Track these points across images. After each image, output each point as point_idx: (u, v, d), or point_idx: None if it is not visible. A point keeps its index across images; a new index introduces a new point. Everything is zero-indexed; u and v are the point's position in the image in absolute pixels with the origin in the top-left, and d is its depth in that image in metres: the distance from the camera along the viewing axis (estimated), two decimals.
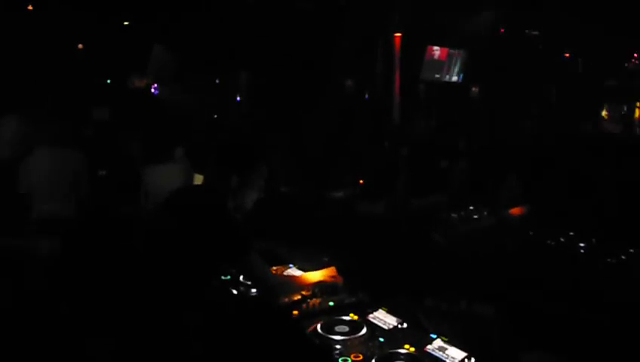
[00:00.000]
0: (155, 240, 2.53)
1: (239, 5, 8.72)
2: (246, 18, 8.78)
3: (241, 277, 2.88)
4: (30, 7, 8.23)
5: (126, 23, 9.54)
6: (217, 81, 10.72)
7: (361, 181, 4.88)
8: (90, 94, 8.86)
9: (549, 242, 3.74)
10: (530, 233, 3.92)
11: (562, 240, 3.76)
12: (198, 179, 4.65)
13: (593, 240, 3.72)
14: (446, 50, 11.31)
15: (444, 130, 7.74)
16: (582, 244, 3.68)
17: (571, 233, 3.83)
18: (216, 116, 9.63)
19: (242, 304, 2.72)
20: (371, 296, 2.66)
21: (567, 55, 11.93)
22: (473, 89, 12.19)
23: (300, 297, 2.64)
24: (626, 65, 11.99)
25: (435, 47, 11.08)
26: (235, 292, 2.79)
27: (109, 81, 9.97)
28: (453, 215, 4.16)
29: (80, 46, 9.42)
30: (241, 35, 9.04)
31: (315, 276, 2.76)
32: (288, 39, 8.94)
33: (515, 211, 4.05)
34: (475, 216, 4.21)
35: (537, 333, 2.52)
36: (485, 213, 4.25)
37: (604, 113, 12.38)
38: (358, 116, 8.84)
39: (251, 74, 9.80)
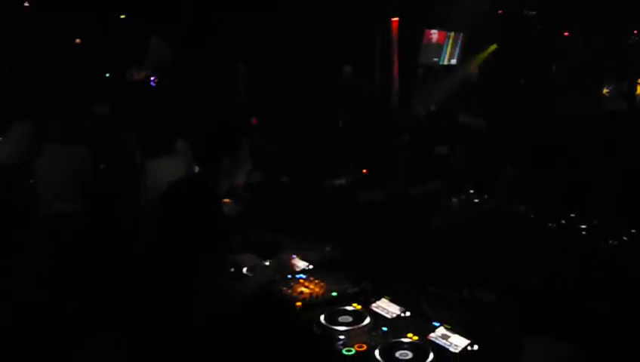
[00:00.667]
0: (152, 232, 2.57)
1: None
2: (242, 7, 8.73)
3: (244, 270, 2.92)
4: (27, 4, 8.20)
5: (123, 17, 9.51)
6: (216, 71, 10.70)
7: (365, 170, 4.89)
8: (90, 88, 8.86)
9: (550, 225, 3.75)
10: (532, 216, 3.93)
11: (563, 222, 3.77)
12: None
13: (595, 221, 3.73)
14: (444, 33, 11.25)
15: (443, 116, 7.74)
16: (583, 226, 3.69)
17: (572, 215, 3.84)
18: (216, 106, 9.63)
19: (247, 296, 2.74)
20: (374, 285, 2.68)
21: (566, 34, 11.85)
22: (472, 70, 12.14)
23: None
24: (629, 41, 11.90)
25: (433, 31, 11.03)
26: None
27: (107, 75, 9.95)
28: (454, 199, 4.17)
29: (78, 41, 9.40)
30: (238, 25, 9.00)
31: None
32: (285, 27, 8.90)
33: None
34: (476, 200, 4.22)
35: (540, 319, 2.54)
36: (485, 196, 4.26)
37: (604, 91, 12.32)
38: (357, 102, 8.81)
39: (249, 63, 9.77)
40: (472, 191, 4.28)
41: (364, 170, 4.94)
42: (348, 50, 9.59)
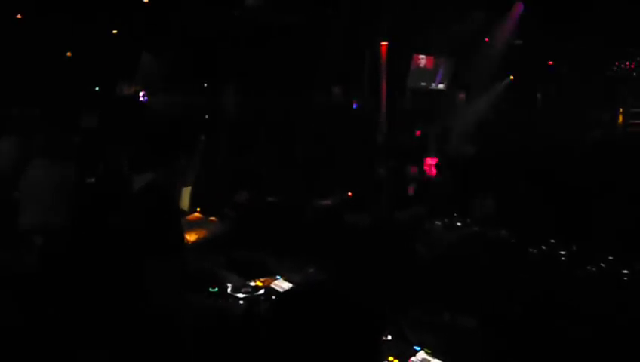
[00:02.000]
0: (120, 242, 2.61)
1: (227, 15, 8.76)
2: (234, 28, 8.83)
3: (229, 289, 2.93)
4: (19, 16, 8.21)
5: (114, 32, 9.56)
6: (205, 86, 10.76)
7: (350, 193, 4.94)
8: (79, 102, 8.85)
9: (530, 250, 3.81)
10: (512, 241, 3.99)
11: (544, 248, 3.83)
12: (186, 192, 4.68)
13: (574, 247, 3.79)
14: (432, 58, 11.43)
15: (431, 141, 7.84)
16: (563, 252, 3.75)
17: (552, 240, 3.90)
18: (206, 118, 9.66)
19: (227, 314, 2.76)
20: None
21: (551, 63, 12.07)
22: (460, 95, 12.30)
23: None
24: (611, 72, 12.13)
25: (421, 56, 11.20)
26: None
27: (97, 89, 9.96)
28: (437, 222, 4.22)
29: (69, 54, 9.42)
30: (229, 44, 9.09)
31: None
32: (276, 48, 8.99)
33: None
34: (459, 224, 4.28)
35: (519, 345, 2.58)
36: (468, 220, 4.32)
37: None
38: (345, 124, 8.90)
39: (239, 83, 9.85)
40: (455, 215, 4.34)
41: (350, 193, 4.99)
42: (337, 73, 9.71)
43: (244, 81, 9.58)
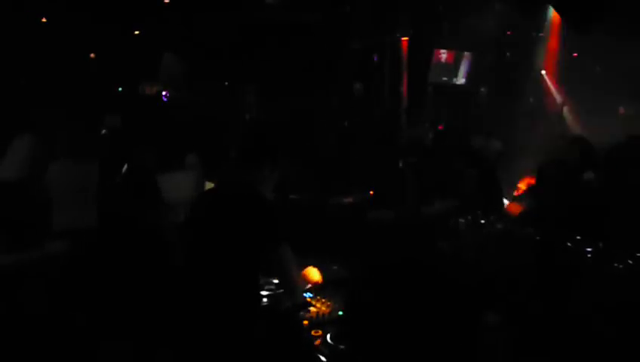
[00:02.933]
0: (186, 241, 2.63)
1: (246, 13, 8.81)
2: (254, 26, 8.87)
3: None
4: (44, 20, 8.38)
5: (137, 32, 9.69)
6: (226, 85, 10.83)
7: (372, 192, 4.93)
8: (103, 102, 8.99)
9: (555, 247, 3.76)
10: (537, 238, 3.94)
11: (569, 244, 3.77)
12: (209, 187, 4.71)
13: (600, 244, 3.73)
14: (453, 52, 11.34)
15: (451, 135, 7.77)
16: (589, 249, 3.69)
17: (578, 237, 3.84)
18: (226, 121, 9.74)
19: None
20: None
21: (575, 55, 11.90)
22: (482, 90, 12.20)
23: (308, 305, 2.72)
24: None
25: (442, 50, 11.13)
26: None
27: (120, 89, 10.10)
28: (461, 220, 4.19)
29: (92, 55, 9.57)
30: (250, 42, 9.13)
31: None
32: (297, 46, 9.02)
33: (513, 209, 4.04)
34: (482, 221, 4.24)
35: (544, 342, 2.56)
36: (492, 218, 4.27)
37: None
38: (366, 120, 8.90)
39: (260, 83, 9.91)
40: (479, 212, 4.29)
41: (371, 192, 4.99)
42: (358, 68, 9.70)
43: (265, 80, 9.63)
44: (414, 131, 8.04)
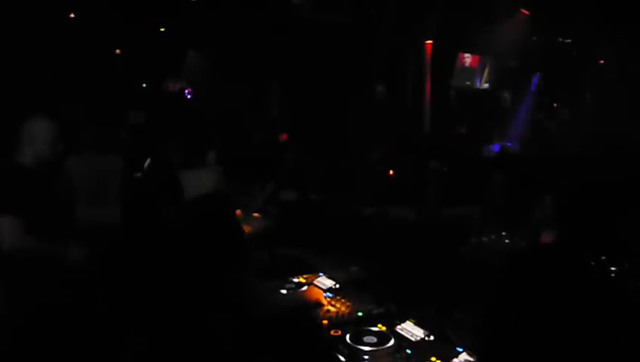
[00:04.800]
0: (174, 243, 2.66)
1: (272, 12, 8.85)
2: (279, 25, 8.90)
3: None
4: (72, 15, 8.50)
5: (162, 30, 9.79)
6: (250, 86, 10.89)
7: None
8: (127, 98, 9.10)
9: (579, 266, 3.69)
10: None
11: (593, 263, 3.70)
12: None
13: (625, 264, 3.65)
14: (477, 57, 11.26)
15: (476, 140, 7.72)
16: (613, 268, 3.62)
17: (603, 257, 3.77)
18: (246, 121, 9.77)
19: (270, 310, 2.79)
20: (399, 307, 2.70)
21: (602, 62, 11.74)
22: (505, 95, 12.09)
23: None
24: None
25: (466, 55, 11.05)
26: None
27: (144, 85, 10.21)
28: (484, 239, 4.12)
29: (118, 51, 9.69)
30: (275, 43, 9.16)
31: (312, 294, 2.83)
32: (322, 47, 9.02)
33: (546, 239, 3.95)
34: (507, 241, 4.15)
35: (559, 347, 2.52)
36: (517, 237, 4.18)
37: None
38: (389, 124, 8.88)
39: (284, 82, 9.94)
40: (504, 233, 4.20)
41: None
42: (382, 72, 9.68)
43: (289, 80, 9.65)
44: (438, 134, 8.01)
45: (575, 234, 3.49)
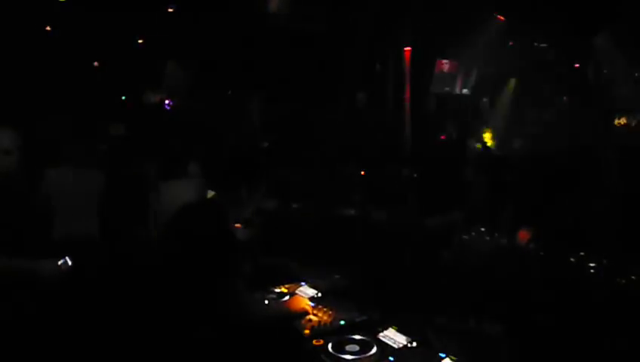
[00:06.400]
0: (161, 257, 2.63)
1: (249, 22, 8.84)
2: (257, 35, 8.90)
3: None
4: (48, 28, 8.42)
5: (140, 41, 9.74)
6: (230, 94, 10.86)
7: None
8: (107, 110, 9.03)
9: (558, 262, 3.73)
10: (541, 253, 3.91)
11: (572, 260, 3.74)
12: (211, 196, 4.71)
13: (604, 260, 3.69)
14: (455, 63, 11.36)
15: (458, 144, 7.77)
16: (592, 264, 3.66)
17: (582, 253, 3.81)
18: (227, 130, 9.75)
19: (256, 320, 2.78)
20: (382, 314, 2.70)
21: (577, 66, 11.90)
22: (484, 100, 12.21)
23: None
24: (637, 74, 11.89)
25: (445, 60, 11.14)
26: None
27: (123, 98, 10.15)
28: (465, 236, 4.15)
29: (96, 64, 9.62)
30: (253, 51, 9.16)
31: (297, 303, 2.81)
32: (300, 56, 9.04)
33: (523, 235, 4.01)
34: (487, 238, 4.19)
35: (546, 353, 2.55)
36: (496, 234, 4.23)
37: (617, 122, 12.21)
38: (369, 130, 8.91)
39: (263, 90, 9.93)
40: (483, 229, 4.24)
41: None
42: (361, 78, 9.72)
43: (269, 89, 9.65)
44: (419, 140, 8.05)
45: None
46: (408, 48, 9.38)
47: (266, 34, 8.87)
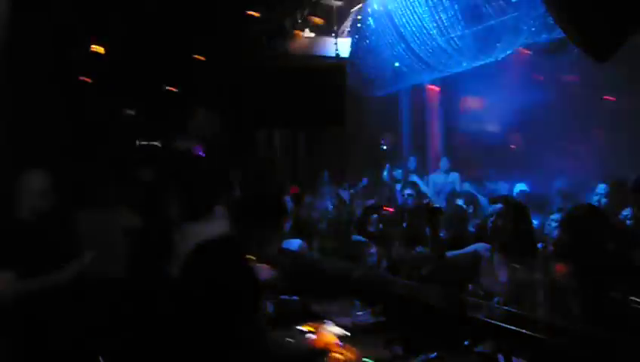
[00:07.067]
0: (181, 295, 2.64)
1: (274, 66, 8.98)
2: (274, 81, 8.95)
3: None
4: (85, 79, 8.74)
5: (172, 89, 10.03)
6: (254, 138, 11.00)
7: None
8: (138, 156, 9.25)
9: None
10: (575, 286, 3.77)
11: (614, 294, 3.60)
12: None
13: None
14: None
15: None
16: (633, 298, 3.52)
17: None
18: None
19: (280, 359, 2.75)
20: (404, 350, 2.65)
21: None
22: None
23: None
24: None
25: None
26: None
27: (154, 143, 10.41)
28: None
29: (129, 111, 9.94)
30: (274, 96, 9.24)
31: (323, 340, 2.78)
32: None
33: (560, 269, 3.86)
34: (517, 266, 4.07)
35: None
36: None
37: None
38: None
39: (287, 131, 10.08)
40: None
41: None
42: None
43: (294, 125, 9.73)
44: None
45: None
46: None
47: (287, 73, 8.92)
